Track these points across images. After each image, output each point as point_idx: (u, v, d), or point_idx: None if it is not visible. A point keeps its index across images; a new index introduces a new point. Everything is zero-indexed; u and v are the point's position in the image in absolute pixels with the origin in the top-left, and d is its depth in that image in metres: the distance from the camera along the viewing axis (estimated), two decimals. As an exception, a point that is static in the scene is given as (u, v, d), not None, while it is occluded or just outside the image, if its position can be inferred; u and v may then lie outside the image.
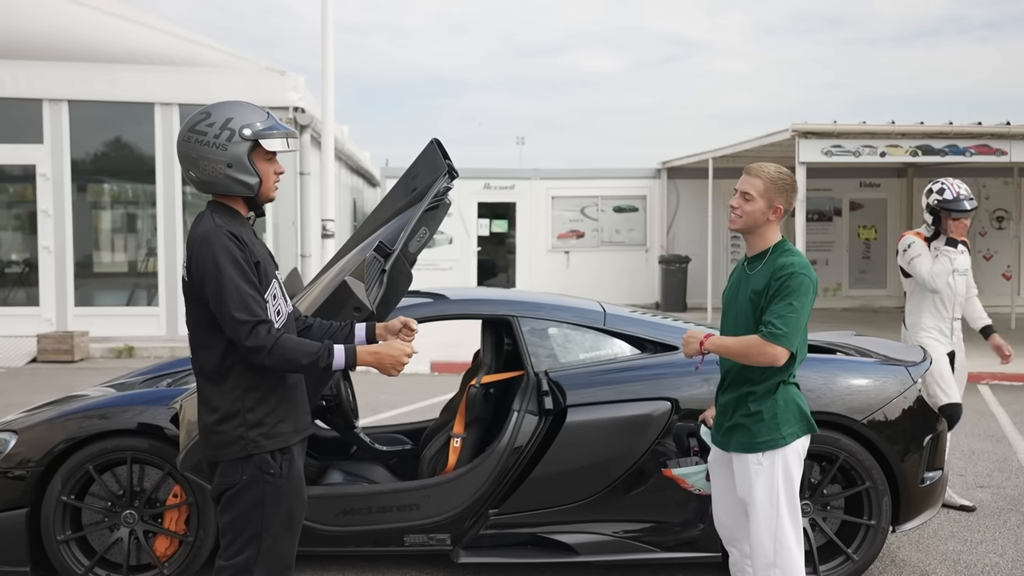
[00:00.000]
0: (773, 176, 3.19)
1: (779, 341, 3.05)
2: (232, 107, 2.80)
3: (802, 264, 3.13)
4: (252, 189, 2.79)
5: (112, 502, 4.12)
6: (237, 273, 2.69)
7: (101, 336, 12.01)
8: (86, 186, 12.76)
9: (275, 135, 2.79)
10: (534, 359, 4.37)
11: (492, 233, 18.92)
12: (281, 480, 2.81)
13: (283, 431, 2.83)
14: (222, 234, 2.70)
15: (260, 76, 12.18)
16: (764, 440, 3.15)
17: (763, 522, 3.16)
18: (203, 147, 2.74)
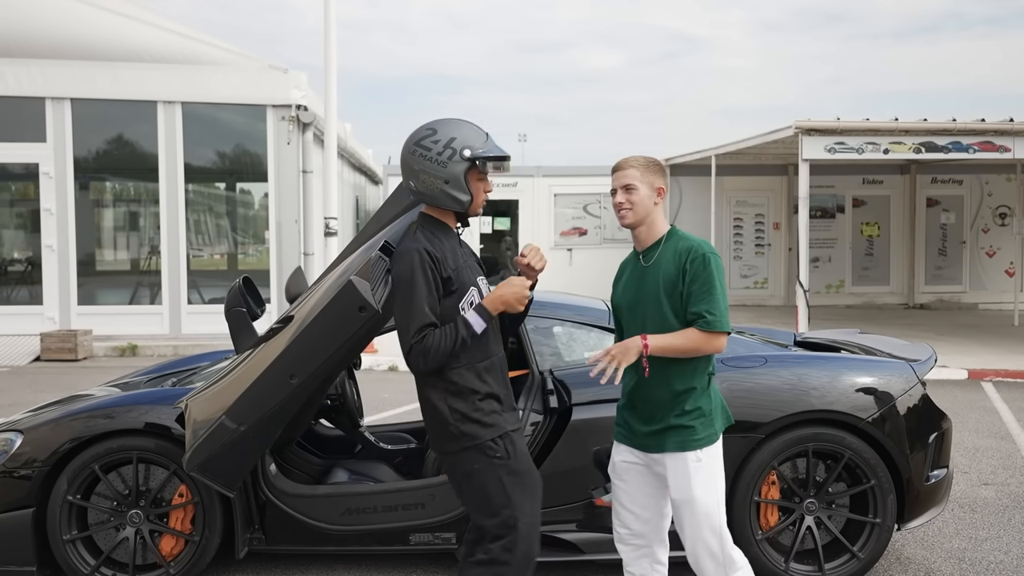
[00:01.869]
0: (643, 162, 3.16)
1: (718, 327, 3.03)
2: (457, 126, 3.03)
3: (706, 244, 3.12)
4: (463, 206, 3.04)
5: (118, 502, 4.12)
6: (424, 291, 2.93)
7: (104, 335, 12.02)
8: (89, 184, 12.77)
9: (494, 159, 3.01)
10: (538, 358, 4.37)
11: (495, 230, 18.93)
12: (512, 461, 3.01)
13: (494, 421, 3.03)
14: (416, 252, 2.94)
15: (263, 74, 12.19)
16: (702, 436, 3.10)
17: (704, 519, 3.09)
18: (425, 162, 2.99)
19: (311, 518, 4.15)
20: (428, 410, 3.09)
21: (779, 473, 4.24)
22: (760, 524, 4.24)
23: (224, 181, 13.61)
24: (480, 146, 3.01)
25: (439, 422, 3.05)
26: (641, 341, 3.02)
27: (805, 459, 4.24)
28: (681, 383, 3.11)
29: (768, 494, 4.24)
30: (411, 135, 3.06)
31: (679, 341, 3.05)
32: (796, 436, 4.18)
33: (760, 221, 18.40)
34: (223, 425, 3.50)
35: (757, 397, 4.18)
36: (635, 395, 3.23)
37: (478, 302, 3.01)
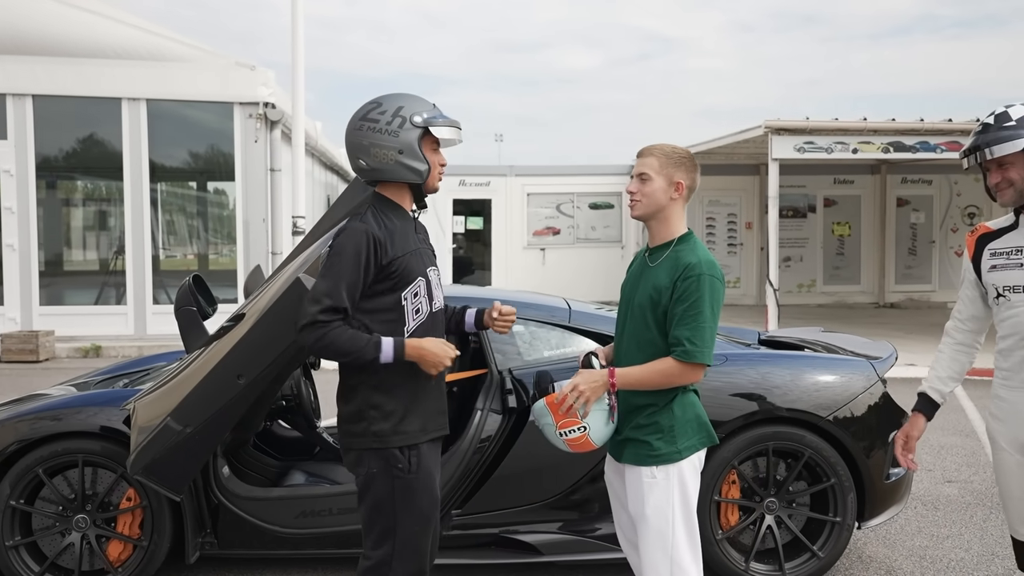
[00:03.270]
0: (667, 151, 2.92)
1: (697, 359, 2.78)
2: (402, 97, 2.90)
3: (709, 263, 2.85)
4: (421, 176, 2.89)
5: (63, 506, 4.01)
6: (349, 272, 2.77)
7: (67, 335, 11.83)
8: (52, 183, 12.57)
9: (443, 123, 2.89)
10: (498, 357, 4.31)
11: (468, 230, 18.86)
12: (410, 476, 2.87)
13: (408, 429, 2.88)
14: (361, 232, 2.79)
15: (230, 71, 12.04)
16: (659, 454, 2.87)
17: (655, 540, 2.88)
18: (375, 134, 2.84)
19: (265, 521, 4.06)
20: (345, 393, 2.94)
21: (739, 472, 4.20)
22: (720, 523, 4.20)
23: (193, 180, 13.44)
24: (428, 113, 2.88)
25: (353, 411, 2.90)
26: (608, 377, 2.83)
27: (765, 458, 4.20)
28: (638, 397, 2.91)
29: (728, 493, 4.20)
30: (355, 113, 2.92)
31: (648, 375, 2.84)
32: (756, 435, 4.14)
33: (732, 221, 18.45)
34: (168, 427, 3.41)
35: (717, 396, 4.13)
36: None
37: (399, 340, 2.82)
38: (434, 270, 3.03)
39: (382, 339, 2.79)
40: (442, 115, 2.91)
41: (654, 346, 2.88)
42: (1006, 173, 2.77)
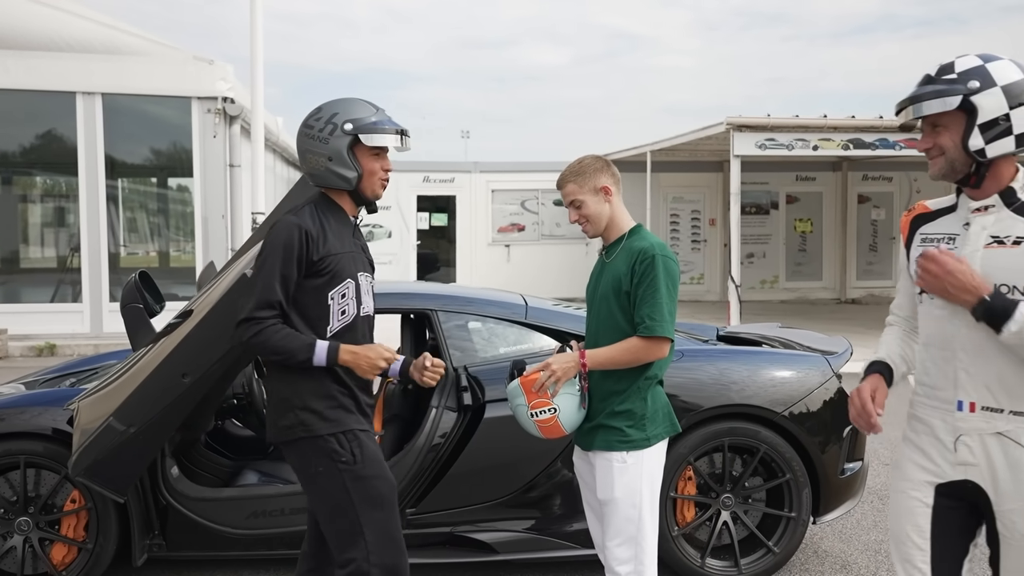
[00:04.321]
0: (575, 170, 3.06)
1: (658, 332, 2.90)
2: (342, 103, 2.90)
3: (661, 245, 2.99)
4: (350, 183, 2.87)
5: (5, 509, 3.91)
6: (280, 266, 2.77)
7: (21, 334, 11.60)
8: (6, 178, 12.32)
9: (379, 130, 2.85)
10: (454, 354, 4.26)
11: (432, 227, 18.78)
12: (357, 465, 2.83)
13: (335, 417, 2.85)
14: (291, 225, 2.79)
15: (187, 65, 11.86)
16: (630, 440, 2.97)
17: (622, 525, 2.98)
18: (309, 140, 2.86)
19: (215, 522, 3.98)
20: (272, 384, 2.93)
21: (695, 468, 4.19)
22: (676, 520, 4.19)
23: (152, 176, 13.24)
24: (367, 119, 2.86)
25: (280, 400, 2.88)
26: (579, 358, 2.94)
27: (721, 454, 4.20)
28: (611, 383, 3.00)
29: (684, 490, 4.19)
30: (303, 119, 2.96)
31: (617, 353, 2.95)
32: (712, 431, 4.14)
33: (696, 217, 18.53)
34: (110, 427, 3.33)
35: (672, 392, 4.11)
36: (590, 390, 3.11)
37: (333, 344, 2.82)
38: (366, 276, 3.01)
39: (317, 342, 2.79)
40: (388, 122, 2.89)
41: (622, 332, 2.98)
42: (938, 138, 2.31)
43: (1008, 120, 2.22)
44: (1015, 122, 2.22)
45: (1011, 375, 2.24)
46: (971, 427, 2.30)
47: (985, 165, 2.29)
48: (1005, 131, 2.22)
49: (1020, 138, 2.24)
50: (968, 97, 2.23)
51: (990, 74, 2.23)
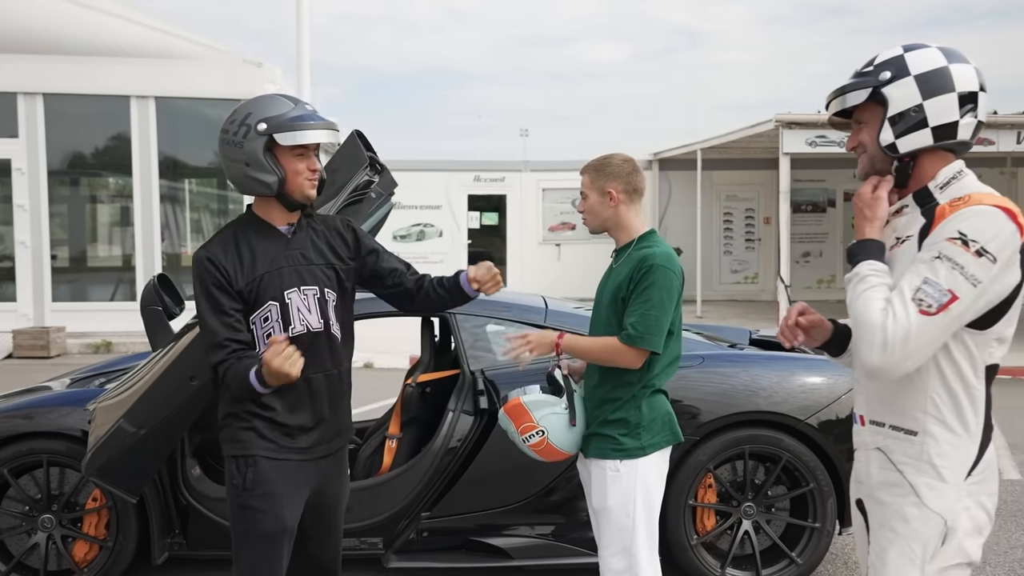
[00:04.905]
0: (595, 165, 3.02)
1: (636, 343, 2.84)
2: (256, 102, 2.64)
3: (664, 255, 2.91)
4: (271, 188, 2.60)
5: (29, 506, 3.99)
6: (207, 304, 2.61)
7: (79, 331, 11.91)
8: (63, 180, 12.65)
9: (297, 127, 2.56)
10: (471, 357, 4.23)
11: (483, 226, 18.80)
12: (245, 493, 2.62)
13: (243, 438, 2.65)
14: (200, 260, 2.63)
15: (237, 68, 12.05)
16: (624, 448, 2.91)
17: (615, 534, 2.92)
18: (225, 146, 2.62)
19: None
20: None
21: (716, 476, 4.10)
22: (696, 528, 4.11)
23: (203, 176, 13.48)
24: (282, 116, 2.58)
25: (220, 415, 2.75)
26: (556, 337, 2.94)
27: (742, 462, 4.10)
28: (605, 391, 2.96)
29: (704, 497, 4.10)
30: None
31: (593, 347, 2.94)
32: (732, 438, 4.05)
33: (750, 216, 18.24)
34: (121, 429, 3.37)
35: (690, 397, 4.04)
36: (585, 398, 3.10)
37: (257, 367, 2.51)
38: (299, 291, 2.67)
39: (250, 374, 2.53)
40: (312, 115, 2.62)
41: None
42: (859, 134, 2.21)
43: (920, 111, 2.06)
44: (929, 113, 2.06)
45: (895, 387, 2.10)
46: (861, 441, 2.24)
47: (909, 163, 2.13)
48: (918, 123, 2.07)
49: (939, 131, 2.07)
50: (879, 89, 2.10)
51: (905, 64, 2.09)
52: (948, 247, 1.95)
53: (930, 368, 2.03)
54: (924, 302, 1.94)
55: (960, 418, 2.03)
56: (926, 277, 1.95)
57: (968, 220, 1.97)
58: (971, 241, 1.94)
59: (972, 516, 2.04)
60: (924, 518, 2.04)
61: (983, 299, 1.95)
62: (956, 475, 2.03)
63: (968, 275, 1.92)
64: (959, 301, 1.93)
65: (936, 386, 2.04)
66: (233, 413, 2.68)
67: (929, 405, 2.04)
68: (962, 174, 2.11)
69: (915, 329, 1.93)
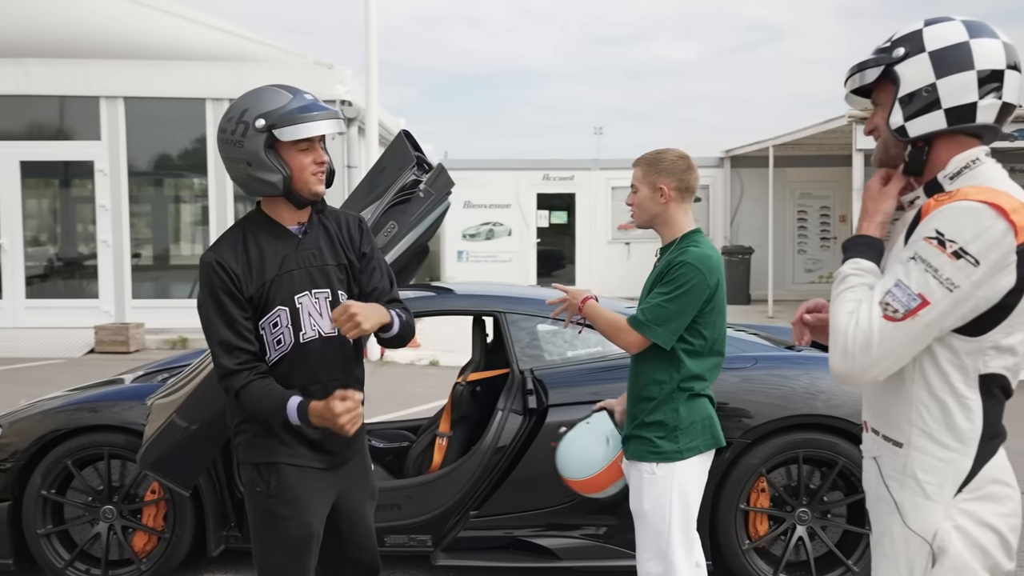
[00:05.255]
0: (649, 159, 2.98)
1: (639, 328, 2.84)
2: (252, 95, 2.48)
3: (699, 255, 2.85)
4: (277, 188, 2.46)
5: (92, 497, 4.13)
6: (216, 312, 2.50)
7: (157, 328, 12.27)
8: (143, 181, 13.05)
9: (298, 120, 2.42)
10: (521, 356, 4.23)
11: (552, 224, 18.77)
12: (270, 500, 2.56)
13: (265, 445, 2.57)
14: (208, 264, 2.51)
15: (307, 70, 12.26)
16: (661, 451, 2.88)
17: (651, 538, 2.90)
18: (225, 146, 2.47)
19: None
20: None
21: (769, 480, 4.02)
22: (748, 533, 4.03)
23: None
24: (281, 109, 2.43)
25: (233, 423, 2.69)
26: (582, 300, 3.00)
27: (797, 466, 4.01)
28: (643, 391, 2.94)
29: (757, 502, 4.02)
30: None
31: (603, 315, 2.96)
32: (785, 441, 3.96)
33: (825, 213, 17.83)
34: (174, 423, 3.45)
35: (741, 400, 3.96)
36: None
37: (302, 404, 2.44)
38: (311, 295, 2.57)
39: (288, 403, 2.46)
40: (313, 105, 2.47)
41: None
42: (874, 116, 2.05)
43: (933, 91, 1.87)
44: (942, 93, 1.87)
45: (883, 394, 1.97)
46: (865, 448, 2.09)
47: (923, 148, 1.94)
48: (930, 105, 1.88)
49: (954, 114, 1.88)
50: (892, 67, 1.94)
51: (922, 39, 1.91)
52: (923, 247, 1.79)
53: (915, 376, 1.88)
54: (890, 307, 1.80)
55: (950, 430, 1.85)
56: (898, 279, 1.81)
57: (948, 218, 1.78)
58: (948, 241, 1.76)
59: (970, 536, 1.83)
60: (907, 539, 1.89)
61: (966, 304, 1.78)
62: (942, 491, 1.85)
63: (943, 279, 1.76)
64: (930, 307, 1.77)
65: (922, 395, 1.88)
66: (249, 419, 2.59)
67: (914, 415, 1.89)
68: (977, 163, 1.89)
69: (877, 335, 1.79)
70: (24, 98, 12.35)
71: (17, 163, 12.55)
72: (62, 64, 12.21)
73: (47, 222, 13.68)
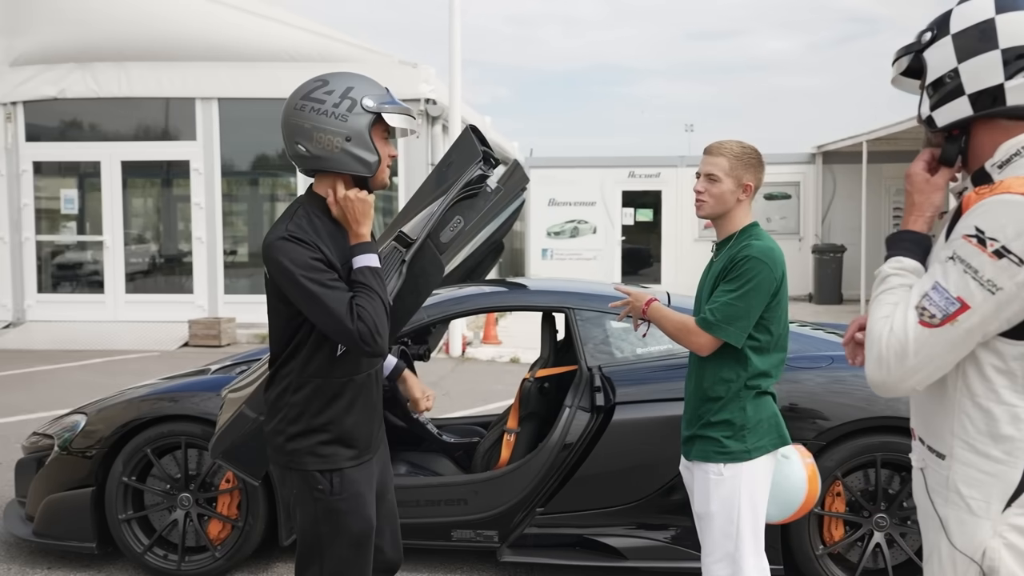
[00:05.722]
0: (737, 152, 2.86)
1: (710, 329, 2.75)
2: (352, 77, 2.54)
3: (763, 248, 2.77)
4: (371, 168, 2.52)
5: (170, 485, 4.25)
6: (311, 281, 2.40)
7: (247, 322, 12.61)
8: (235, 180, 13.42)
9: (398, 110, 2.53)
10: (589, 353, 4.19)
11: (637, 222, 18.60)
12: (333, 497, 2.57)
13: (327, 453, 2.57)
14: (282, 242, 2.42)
15: (392, 69, 12.41)
16: (728, 451, 2.79)
17: (719, 541, 2.80)
18: (320, 116, 2.45)
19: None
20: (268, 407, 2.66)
21: (845, 484, 3.88)
22: (823, 538, 3.90)
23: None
24: (383, 98, 2.52)
25: (273, 427, 2.64)
26: (645, 302, 2.94)
27: (874, 470, 3.86)
28: (709, 390, 2.86)
29: (832, 506, 3.89)
30: (295, 91, 2.53)
31: (670, 318, 2.90)
32: (863, 444, 3.82)
33: (923, 211, 17.16)
34: (243, 414, 3.51)
35: (817, 400, 3.84)
36: (685, 394, 3.04)
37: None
38: None
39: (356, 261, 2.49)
40: (395, 101, 2.57)
41: None
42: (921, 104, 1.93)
43: (956, 77, 1.75)
44: (964, 78, 1.75)
45: (926, 401, 1.83)
46: (913, 458, 1.94)
47: (959, 137, 1.81)
48: (953, 91, 1.76)
49: (979, 99, 1.74)
50: (921, 53, 1.82)
51: (949, 20, 1.79)
52: (962, 246, 1.65)
53: (957, 383, 1.74)
54: (927, 311, 1.66)
55: (996, 440, 1.70)
56: (935, 282, 1.67)
57: (988, 213, 1.63)
58: (989, 239, 1.61)
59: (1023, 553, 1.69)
60: (954, 559, 1.75)
61: (1010, 307, 1.63)
62: (989, 507, 1.70)
63: (983, 280, 1.62)
64: (970, 311, 1.63)
65: (965, 404, 1.73)
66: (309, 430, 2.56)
67: (956, 426, 1.75)
68: None
69: (913, 343, 1.67)
70: (125, 100, 12.85)
71: (119, 163, 13.07)
72: (161, 67, 12.66)
73: (152, 220, 14.22)
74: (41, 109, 13.08)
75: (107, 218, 13.15)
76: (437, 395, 8.90)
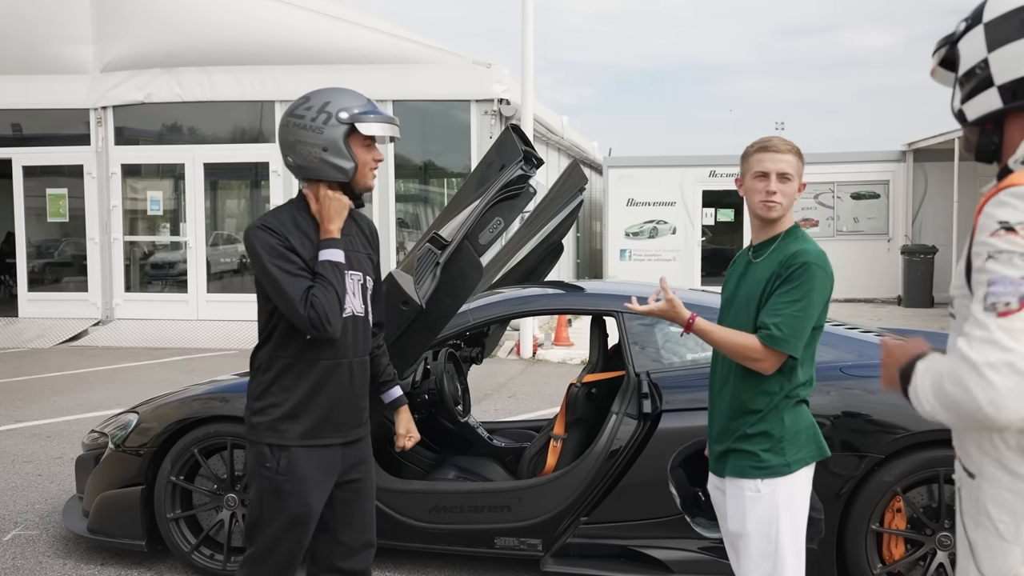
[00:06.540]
0: (797, 150, 2.72)
1: (779, 345, 2.54)
2: (331, 92, 2.81)
3: (818, 253, 2.61)
4: (347, 174, 2.76)
5: (217, 484, 4.28)
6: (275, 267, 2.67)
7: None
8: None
9: (372, 119, 2.76)
10: (638, 358, 4.05)
11: (718, 222, 18.23)
12: (278, 477, 2.75)
13: (283, 428, 2.77)
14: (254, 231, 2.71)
15: (467, 70, 12.42)
16: (766, 466, 2.61)
17: (757, 561, 2.63)
18: (300, 130, 2.74)
19: (399, 513, 4.10)
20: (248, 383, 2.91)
21: (906, 499, 3.66)
22: (882, 556, 3.70)
23: (434, 176, 14.04)
24: (358, 108, 2.75)
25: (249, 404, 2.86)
26: (689, 318, 2.69)
27: (938, 485, 3.64)
28: (749, 402, 2.68)
29: (892, 523, 3.68)
30: (286, 110, 2.83)
31: (728, 337, 2.64)
32: (924, 458, 3.60)
33: (1022, 210, 16.39)
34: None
35: (874, 411, 3.63)
36: (711, 407, 2.87)
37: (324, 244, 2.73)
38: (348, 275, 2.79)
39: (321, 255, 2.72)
40: (375, 110, 2.78)
41: None
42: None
43: (986, 67, 1.63)
44: (994, 68, 1.63)
45: None
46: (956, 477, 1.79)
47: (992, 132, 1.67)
48: (983, 82, 1.64)
49: (1008, 89, 1.60)
50: (955, 45, 1.71)
51: (982, 10, 1.66)
52: (995, 242, 1.52)
53: None
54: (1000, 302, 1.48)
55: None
56: (988, 280, 1.51)
57: (1004, 206, 1.52)
58: (1017, 224, 1.49)
59: None
60: None
61: None
62: (1019, 531, 1.58)
63: None
64: None
65: None
66: (274, 404, 2.78)
67: (985, 441, 1.61)
68: None
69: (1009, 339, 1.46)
70: (208, 104, 13.18)
71: (201, 165, 13.42)
72: (241, 71, 12.94)
73: (236, 221, 14.57)
74: (129, 113, 13.53)
75: (190, 219, 13.50)
76: (504, 397, 8.85)
